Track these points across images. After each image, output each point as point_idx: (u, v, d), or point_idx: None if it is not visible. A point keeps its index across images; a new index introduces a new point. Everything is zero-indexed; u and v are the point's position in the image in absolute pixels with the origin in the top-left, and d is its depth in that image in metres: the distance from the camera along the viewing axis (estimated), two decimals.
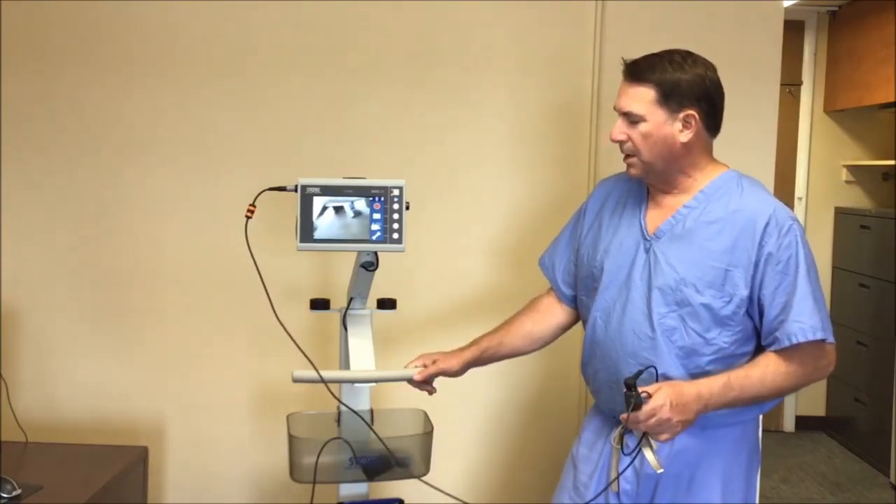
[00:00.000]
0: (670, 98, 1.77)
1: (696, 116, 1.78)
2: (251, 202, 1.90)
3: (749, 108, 2.60)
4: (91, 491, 2.05)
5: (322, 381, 1.89)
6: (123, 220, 2.62)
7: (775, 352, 1.77)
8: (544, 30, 2.59)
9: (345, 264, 2.58)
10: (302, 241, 1.92)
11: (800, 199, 5.17)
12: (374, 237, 1.91)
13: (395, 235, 1.92)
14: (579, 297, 2.02)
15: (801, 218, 5.16)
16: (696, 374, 1.79)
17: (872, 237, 4.71)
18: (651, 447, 1.72)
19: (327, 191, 1.90)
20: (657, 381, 1.73)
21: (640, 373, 1.68)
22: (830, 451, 4.93)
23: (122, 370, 2.65)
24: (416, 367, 1.99)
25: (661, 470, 1.72)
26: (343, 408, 2.04)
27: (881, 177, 5.11)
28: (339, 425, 2.05)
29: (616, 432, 1.80)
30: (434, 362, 1.99)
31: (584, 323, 1.98)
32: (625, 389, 1.64)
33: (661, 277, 1.80)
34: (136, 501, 2.36)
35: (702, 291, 1.77)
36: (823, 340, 1.76)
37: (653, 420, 1.65)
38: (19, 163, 2.61)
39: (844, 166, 5.14)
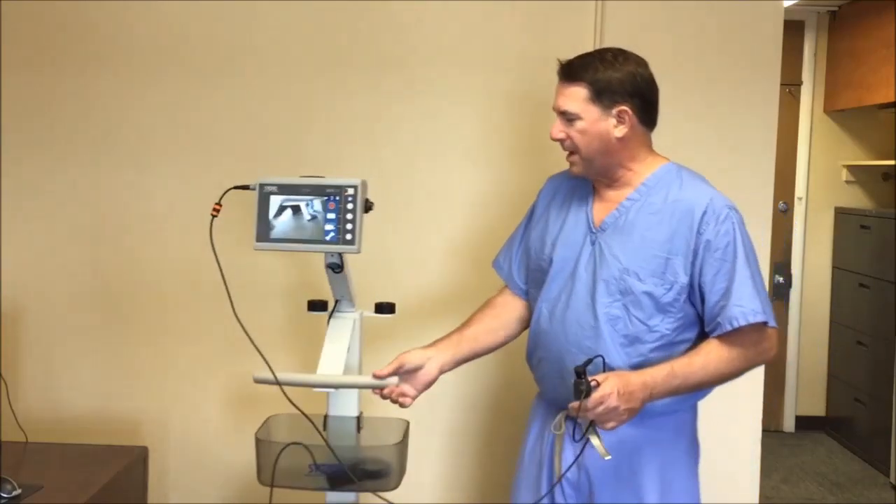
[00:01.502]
0: (602, 95, 1.83)
1: (629, 112, 1.85)
2: (217, 201, 1.89)
3: (749, 108, 2.59)
4: (91, 491, 2.05)
5: (277, 382, 1.87)
6: (124, 220, 2.62)
7: (717, 338, 1.81)
8: (544, 30, 2.58)
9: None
10: (258, 240, 1.90)
11: (800, 199, 5.17)
12: (328, 237, 1.87)
13: (349, 236, 1.87)
14: (530, 290, 2.05)
15: (801, 218, 5.16)
16: (638, 362, 1.83)
17: (872, 237, 4.72)
18: (598, 435, 1.75)
19: (284, 189, 1.88)
20: (604, 371, 1.75)
21: (589, 361, 1.71)
22: (830, 450, 4.94)
23: (122, 370, 2.65)
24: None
25: (609, 456, 1.76)
26: (331, 412, 2.01)
27: (881, 177, 5.11)
28: (325, 430, 2.01)
29: (557, 419, 1.83)
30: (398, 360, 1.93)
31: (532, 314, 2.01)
32: (574, 377, 1.67)
33: (606, 269, 1.86)
34: (137, 501, 2.36)
35: (644, 280, 1.83)
36: (765, 324, 1.79)
37: (601, 408, 1.68)
38: (20, 163, 2.61)
39: (844, 166, 5.14)
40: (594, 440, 1.76)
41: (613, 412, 1.69)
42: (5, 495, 1.94)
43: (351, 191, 1.86)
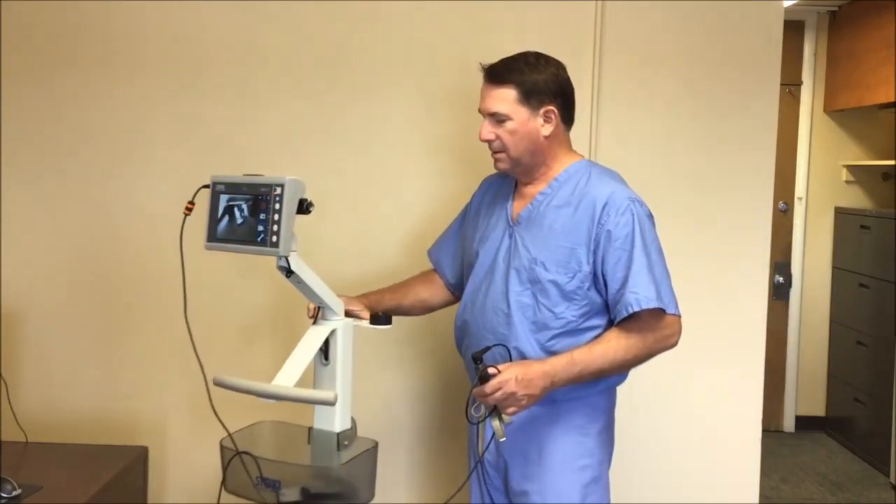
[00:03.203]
0: (531, 96, 1.93)
1: (555, 111, 1.95)
2: (190, 199, 1.89)
3: (749, 107, 2.59)
4: (91, 491, 2.05)
5: (232, 388, 1.88)
6: (124, 219, 2.62)
7: (617, 326, 1.90)
8: (545, 30, 2.58)
9: (355, 266, 2.59)
10: (207, 240, 1.88)
11: (800, 199, 5.17)
12: (258, 238, 1.80)
13: (274, 238, 1.77)
14: (464, 283, 2.13)
15: (801, 218, 5.16)
16: (547, 347, 1.93)
17: (872, 237, 4.72)
18: (500, 419, 1.83)
19: (229, 189, 1.85)
20: (511, 359, 1.88)
21: (487, 348, 1.85)
22: (830, 451, 4.94)
23: (122, 369, 2.65)
24: None
25: (504, 438, 1.84)
26: (315, 425, 1.96)
27: (881, 177, 5.11)
28: (309, 443, 1.99)
29: (476, 403, 1.90)
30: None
31: None
32: (473, 364, 1.79)
33: (518, 259, 1.97)
34: (137, 501, 2.37)
35: (549, 269, 1.92)
36: (662, 311, 1.86)
37: (499, 393, 1.78)
38: (19, 163, 2.60)
39: (844, 166, 5.14)
40: (494, 423, 1.84)
41: (512, 398, 1.79)
42: (5, 495, 1.94)
43: (278, 190, 1.78)
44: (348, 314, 2.05)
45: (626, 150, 2.58)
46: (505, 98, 1.93)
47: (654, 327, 1.88)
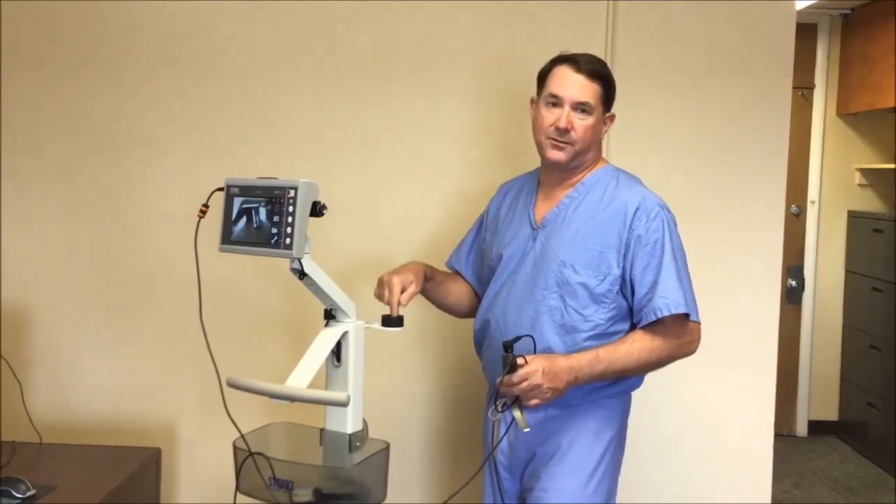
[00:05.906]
0: (609, 99, 2.00)
1: (613, 117, 2.03)
2: (204, 202, 1.89)
3: (761, 111, 2.59)
4: (104, 492, 2.06)
5: (246, 388, 1.89)
6: (133, 220, 2.63)
7: (643, 328, 1.92)
8: (556, 30, 2.59)
9: (368, 269, 2.58)
10: (222, 242, 1.89)
11: (812, 202, 5.16)
12: (272, 241, 1.81)
13: (288, 241, 1.79)
14: (483, 289, 2.15)
15: (813, 221, 5.15)
16: (574, 351, 1.92)
17: (886, 241, 4.69)
18: (520, 410, 1.85)
19: (244, 191, 1.86)
20: (535, 351, 1.88)
21: (518, 338, 1.84)
22: (843, 455, 4.91)
23: (135, 371, 2.66)
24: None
25: (528, 429, 1.87)
26: (327, 427, 1.95)
27: (894, 180, 5.09)
28: (321, 444, 1.98)
29: (493, 407, 1.90)
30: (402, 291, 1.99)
31: None
32: (503, 352, 1.80)
33: (545, 262, 1.97)
34: (149, 502, 2.37)
35: (579, 271, 1.93)
36: (687, 316, 1.89)
37: (525, 384, 1.80)
38: (30, 166, 2.61)
39: (857, 170, 5.12)
40: (516, 413, 1.85)
41: (537, 389, 1.81)
42: (20, 496, 1.96)
43: (292, 192, 1.79)
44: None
45: (636, 152, 2.58)
46: (595, 93, 1.95)
47: (679, 333, 1.91)
